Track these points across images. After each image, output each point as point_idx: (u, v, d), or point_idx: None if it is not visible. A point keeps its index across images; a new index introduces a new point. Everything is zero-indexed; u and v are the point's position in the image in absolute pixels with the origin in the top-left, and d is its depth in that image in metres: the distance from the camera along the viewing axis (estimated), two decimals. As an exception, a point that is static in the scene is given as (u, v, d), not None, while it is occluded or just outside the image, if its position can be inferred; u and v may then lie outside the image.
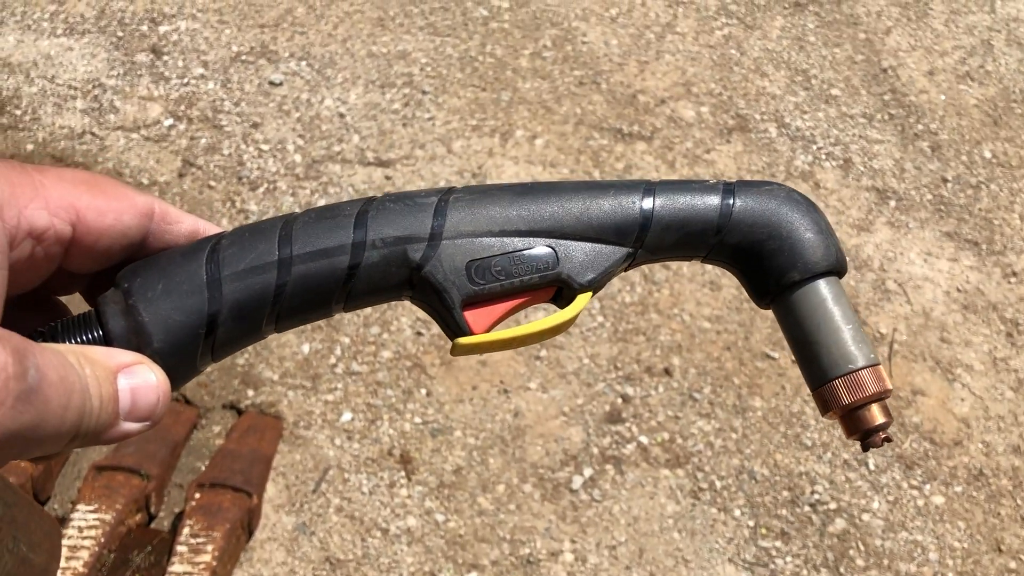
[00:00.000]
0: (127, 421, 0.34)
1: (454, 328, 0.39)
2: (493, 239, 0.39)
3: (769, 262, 0.41)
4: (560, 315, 0.40)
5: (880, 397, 0.40)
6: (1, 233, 0.32)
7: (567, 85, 2.35)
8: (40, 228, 0.34)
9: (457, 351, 0.39)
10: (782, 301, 0.42)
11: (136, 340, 0.35)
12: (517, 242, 0.39)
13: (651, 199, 0.41)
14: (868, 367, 0.40)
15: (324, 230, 0.38)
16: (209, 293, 0.36)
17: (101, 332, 0.36)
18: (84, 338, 0.36)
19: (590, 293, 0.40)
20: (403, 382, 1.78)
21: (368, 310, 1.87)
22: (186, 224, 0.39)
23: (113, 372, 0.33)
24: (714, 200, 0.41)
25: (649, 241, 0.41)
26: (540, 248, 0.40)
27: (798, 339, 0.41)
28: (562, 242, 0.40)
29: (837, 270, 0.41)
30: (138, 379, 0.34)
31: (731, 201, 0.41)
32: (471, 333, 0.39)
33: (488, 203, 0.40)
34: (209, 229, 0.40)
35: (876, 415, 0.39)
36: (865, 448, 0.40)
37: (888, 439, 0.40)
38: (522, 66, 2.39)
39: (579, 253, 0.40)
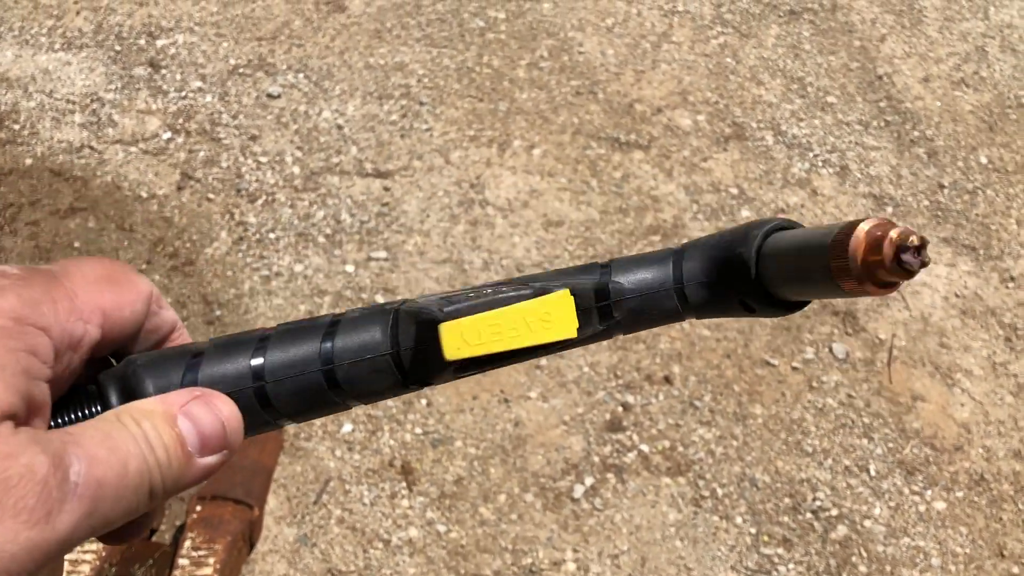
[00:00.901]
0: (202, 457, 0.35)
1: (439, 346, 0.39)
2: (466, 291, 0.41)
3: (730, 255, 0.41)
4: (546, 299, 0.39)
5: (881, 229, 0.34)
6: (50, 350, 0.34)
7: (564, 95, 2.36)
8: (78, 338, 0.35)
9: (448, 354, 0.39)
10: (762, 270, 0.40)
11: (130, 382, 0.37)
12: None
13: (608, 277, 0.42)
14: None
15: (299, 326, 0.40)
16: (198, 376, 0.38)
17: (100, 403, 0.37)
18: (87, 411, 0.37)
19: (572, 298, 0.40)
20: (403, 393, 1.78)
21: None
22: (170, 313, 0.41)
23: (172, 416, 0.34)
24: (667, 270, 0.42)
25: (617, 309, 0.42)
26: (514, 285, 0.41)
27: (794, 269, 0.38)
28: (535, 284, 0.41)
29: (789, 226, 0.40)
30: (198, 413, 0.35)
31: (681, 266, 0.42)
32: None
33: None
34: (183, 334, 0.42)
35: (891, 234, 0.33)
36: (907, 271, 0.33)
37: (922, 244, 0.33)
38: (519, 76, 2.40)
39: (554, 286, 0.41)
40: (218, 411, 0.35)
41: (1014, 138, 2.39)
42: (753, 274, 0.40)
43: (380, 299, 1.92)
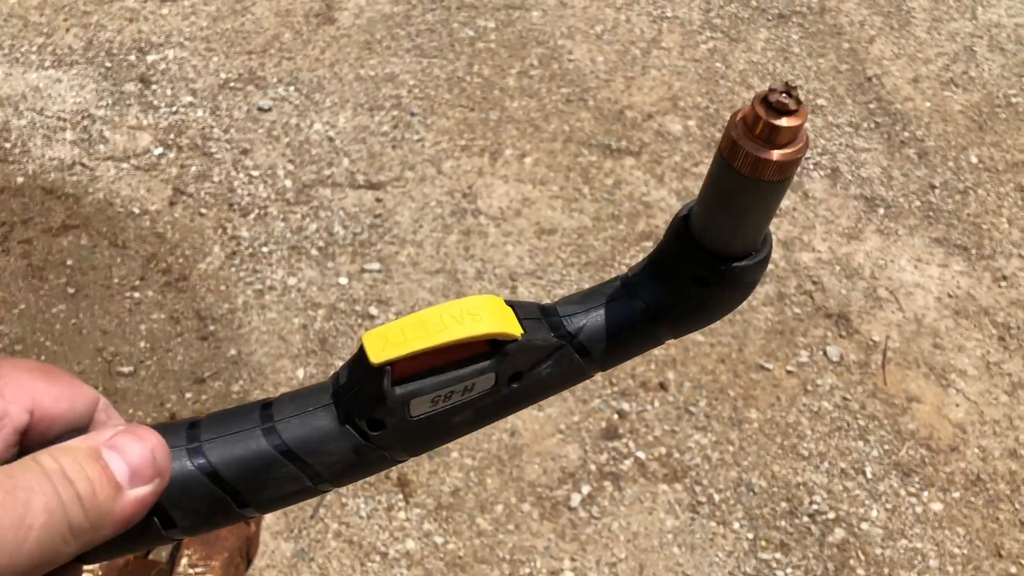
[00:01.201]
0: (133, 487, 0.33)
1: (366, 357, 0.37)
2: None
3: (665, 243, 0.41)
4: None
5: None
6: None
7: (554, 103, 2.37)
8: None
9: (373, 357, 0.37)
10: (692, 230, 0.40)
11: None
12: None
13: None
14: None
15: (234, 413, 0.39)
16: None
17: None
18: None
19: (501, 300, 0.39)
20: (399, 404, 1.78)
21: (359, 318, 1.87)
22: (123, 424, 0.40)
23: (95, 450, 0.33)
24: (614, 284, 0.43)
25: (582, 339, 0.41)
26: None
27: (716, 201, 0.38)
28: None
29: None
30: (124, 443, 0.34)
31: (628, 278, 0.42)
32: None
33: None
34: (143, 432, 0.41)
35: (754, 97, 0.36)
36: (784, 110, 0.34)
37: (786, 85, 0.35)
38: (509, 85, 2.40)
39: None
40: (145, 439, 0.34)
41: (1004, 137, 2.40)
42: (683, 214, 0.40)
43: (374, 311, 1.92)
